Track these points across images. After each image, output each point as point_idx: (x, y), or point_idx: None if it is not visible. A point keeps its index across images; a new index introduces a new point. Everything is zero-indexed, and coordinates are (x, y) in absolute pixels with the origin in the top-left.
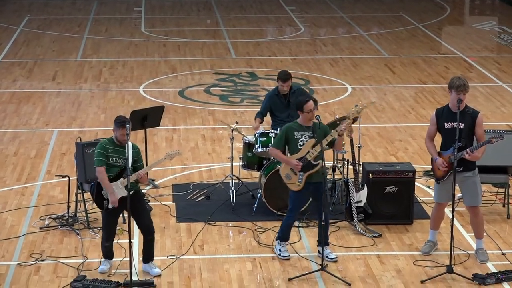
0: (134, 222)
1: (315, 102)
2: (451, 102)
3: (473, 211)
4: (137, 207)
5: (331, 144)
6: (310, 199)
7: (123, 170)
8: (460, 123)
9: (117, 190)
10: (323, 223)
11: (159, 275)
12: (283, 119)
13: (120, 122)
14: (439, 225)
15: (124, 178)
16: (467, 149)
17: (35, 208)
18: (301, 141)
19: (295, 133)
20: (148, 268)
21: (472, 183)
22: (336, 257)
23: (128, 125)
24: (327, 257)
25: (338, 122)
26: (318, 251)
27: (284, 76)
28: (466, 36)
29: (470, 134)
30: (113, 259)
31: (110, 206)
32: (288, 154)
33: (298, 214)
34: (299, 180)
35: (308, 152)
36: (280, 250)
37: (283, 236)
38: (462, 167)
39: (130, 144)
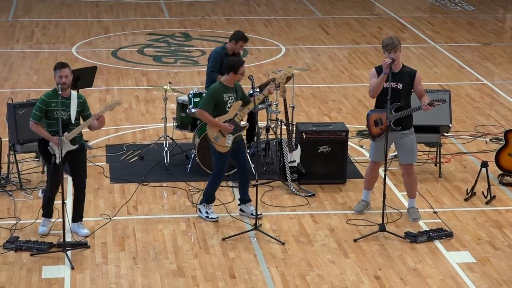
0: (69, 180)
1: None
2: (383, 62)
3: (408, 169)
4: (78, 159)
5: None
6: None
7: (68, 123)
8: (399, 83)
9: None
10: (245, 180)
11: (88, 236)
12: None
13: (58, 64)
14: (373, 185)
15: (68, 132)
16: (425, 102)
17: None
18: (229, 103)
19: (224, 95)
20: (76, 228)
21: (409, 140)
22: (261, 213)
23: (64, 68)
24: (252, 214)
25: (272, 83)
26: (241, 209)
27: (246, 37)
28: None
29: (408, 94)
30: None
31: (57, 161)
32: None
33: (224, 175)
34: (228, 142)
35: (236, 114)
36: (207, 212)
37: (210, 199)
38: (400, 127)
39: (74, 94)
